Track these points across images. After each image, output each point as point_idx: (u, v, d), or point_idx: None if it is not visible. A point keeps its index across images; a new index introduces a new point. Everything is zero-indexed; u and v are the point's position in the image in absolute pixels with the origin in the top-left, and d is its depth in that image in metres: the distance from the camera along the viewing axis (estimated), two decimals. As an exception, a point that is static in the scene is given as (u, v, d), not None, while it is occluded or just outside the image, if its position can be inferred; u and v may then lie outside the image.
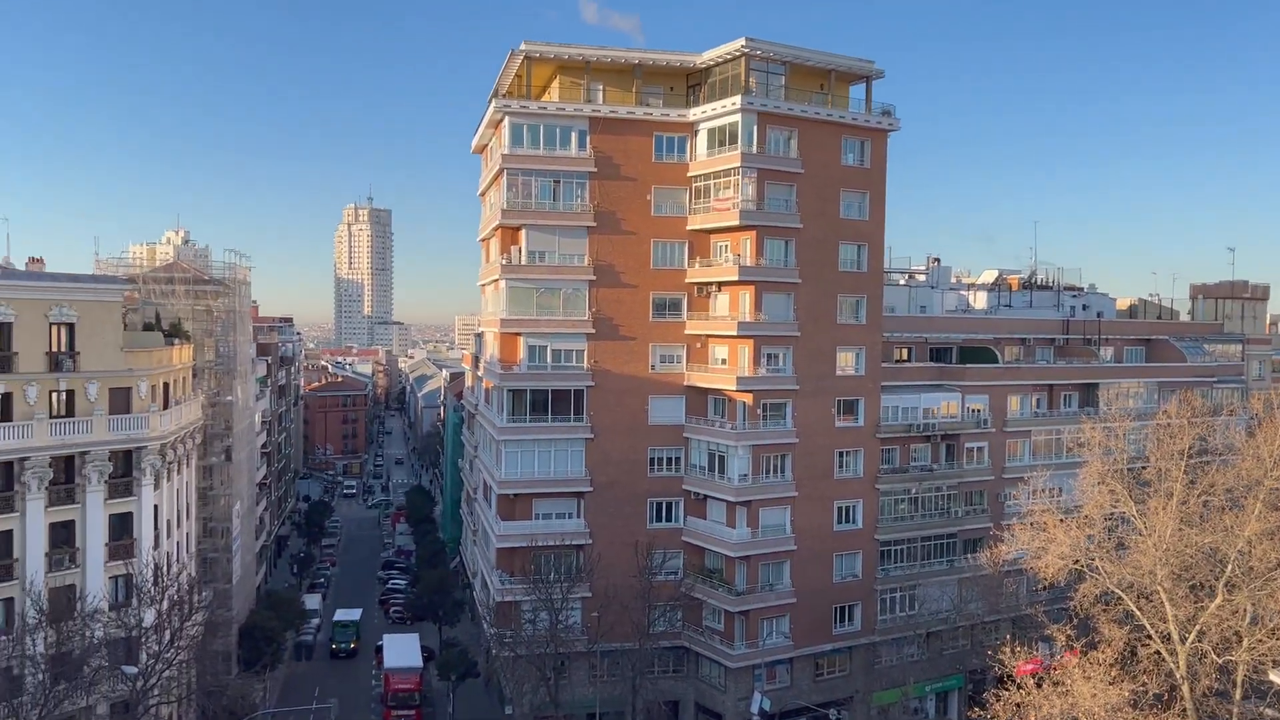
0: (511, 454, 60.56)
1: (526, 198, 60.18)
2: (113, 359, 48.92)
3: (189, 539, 60.77)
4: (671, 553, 60.46)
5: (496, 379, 61.79)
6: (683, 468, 61.76)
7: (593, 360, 60.59)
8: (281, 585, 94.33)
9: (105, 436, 47.92)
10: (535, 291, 60.36)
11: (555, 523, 60.68)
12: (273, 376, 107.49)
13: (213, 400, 66.46)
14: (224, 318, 68.93)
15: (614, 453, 60.92)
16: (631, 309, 60.96)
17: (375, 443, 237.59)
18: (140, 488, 50.08)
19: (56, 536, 46.76)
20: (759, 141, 58.84)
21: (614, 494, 60.97)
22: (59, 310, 46.56)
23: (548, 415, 60.47)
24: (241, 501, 72.89)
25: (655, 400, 61.41)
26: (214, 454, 66.94)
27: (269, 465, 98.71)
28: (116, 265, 63.18)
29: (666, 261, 61.37)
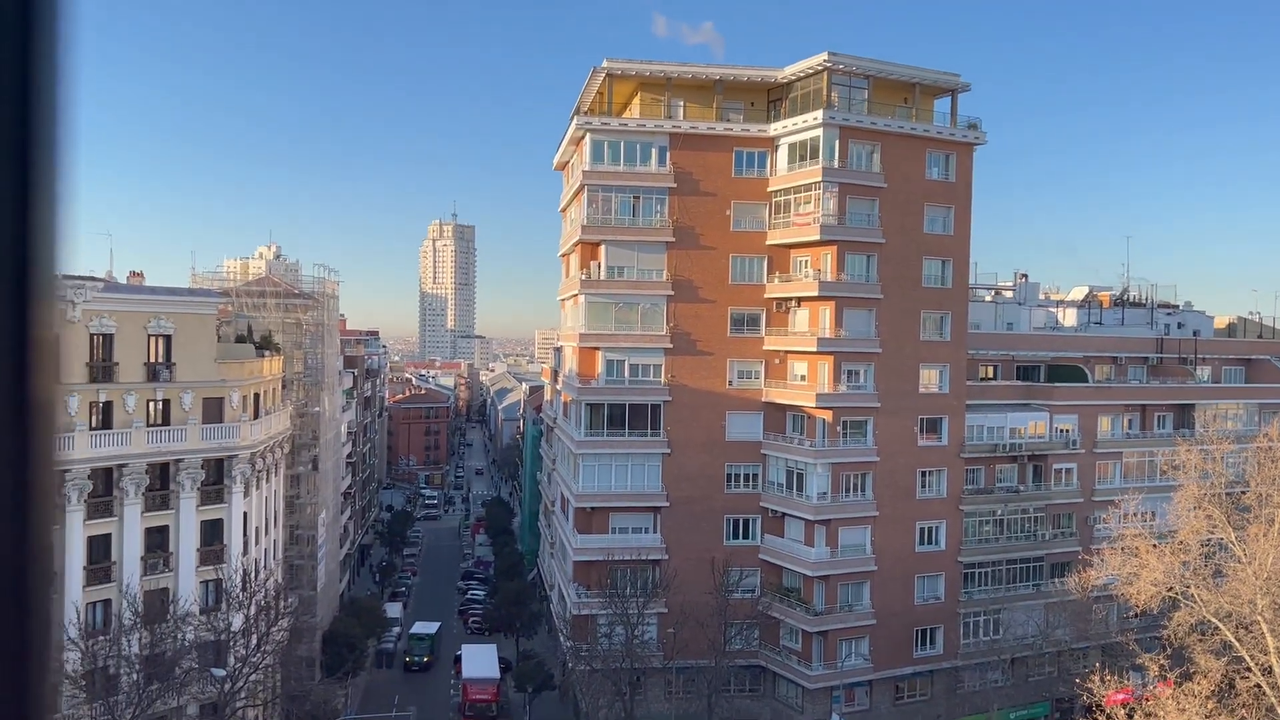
0: (589, 467, 60.70)
1: (606, 213, 60.45)
2: (207, 370, 50.50)
3: (276, 546, 62.27)
4: (748, 570, 59.81)
5: (574, 392, 62.05)
6: (760, 485, 61.19)
7: (670, 375, 60.46)
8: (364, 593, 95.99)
9: (198, 445, 49.43)
10: (613, 306, 60.53)
11: (631, 537, 60.54)
12: (359, 388, 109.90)
13: (301, 411, 68.14)
14: (313, 330, 70.72)
15: (690, 468, 60.61)
16: (709, 324, 60.68)
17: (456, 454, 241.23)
18: (231, 495, 51.51)
19: (151, 541, 48.32)
20: (841, 156, 58.21)
21: (690, 510, 60.65)
22: (157, 322, 48.27)
23: (625, 429, 60.50)
24: (327, 510, 74.49)
25: (733, 416, 60.97)
26: (301, 463, 68.57)
27: (354, 475, 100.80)
28: (212, 279, 65.41)
29: (745, 277, 61.01)
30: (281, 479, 63.63)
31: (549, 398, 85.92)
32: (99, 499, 46.07)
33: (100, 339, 46.23)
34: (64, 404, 44.51)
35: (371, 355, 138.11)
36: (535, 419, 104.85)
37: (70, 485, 44.33)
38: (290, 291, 70.05)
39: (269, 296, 66.09)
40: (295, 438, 67.11)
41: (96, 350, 46.21)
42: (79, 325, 45.06)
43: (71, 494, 44.41)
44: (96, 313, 45.67)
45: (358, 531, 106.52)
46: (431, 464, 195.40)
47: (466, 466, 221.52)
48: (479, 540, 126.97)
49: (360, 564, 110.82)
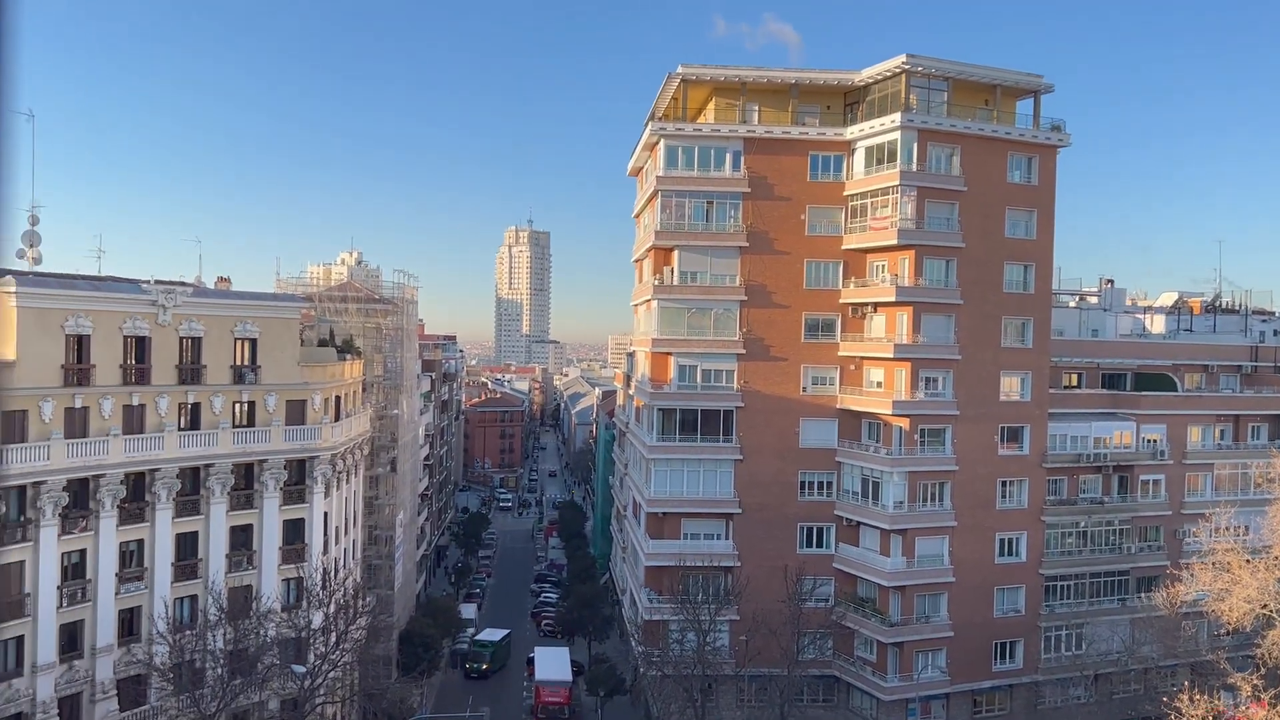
0: (660, 472, 60.65)
1: (680, 219, 60.36)
2: (290, 372, 51.58)
3: (355, 546, 63.34)
4: (822, 579, 59.01)
5: (647, 397, 62.02)
6: (834, 492, 60.50)
7: (743, 381, 60.11)
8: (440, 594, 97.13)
9: (281, 446, 50.47)
10: (687, 311, 60.46)
11: (703, 543, 60.41)
12: (436, 392, 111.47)
13: (380, 414, 69.26)
14: (392, 335, 71.87)
15: (763, 475, 60.15)
16: (783, 329, 60.16)
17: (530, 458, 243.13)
18: (312, 495, 52.46)
19: (235, 539, 49.46)
20: (919, 159, 57.26)
21: (763, 516, 60.20)
22: (243, 326, 49.47)
23: (697, 435, 60.35)
24: (404, 511, 75.59)
25: (806, 423, 60.38)
26: (380, 465, 69.68)
27: (430, 477, 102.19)
28: (295, 284, 66.85)
29: (820, 282, 60.42)
30: (361, 480, 64.72)
31: (621, 402, 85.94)
32: (186, 498, 47.32)
33: (189, 342, 47.54)
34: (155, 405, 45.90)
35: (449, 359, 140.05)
36: (608, 423, 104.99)
37: (160, 484, 45.65)
38: (371, 297, 71.31)
39: (350, 301, 67.36)
40: (374, 440, 68.22)
41: (185, 353, 47.50)
42: (169, 329, 46.43)
43: (161, 492, 45.69)
44: (185, 316, 47.00)
45: (434, 533, 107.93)
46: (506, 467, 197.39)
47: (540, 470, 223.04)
48: (552, 543, 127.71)
49: (436, 565, 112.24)
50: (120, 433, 44.18)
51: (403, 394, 72.84)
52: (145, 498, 45.72)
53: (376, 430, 68.32)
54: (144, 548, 45.85)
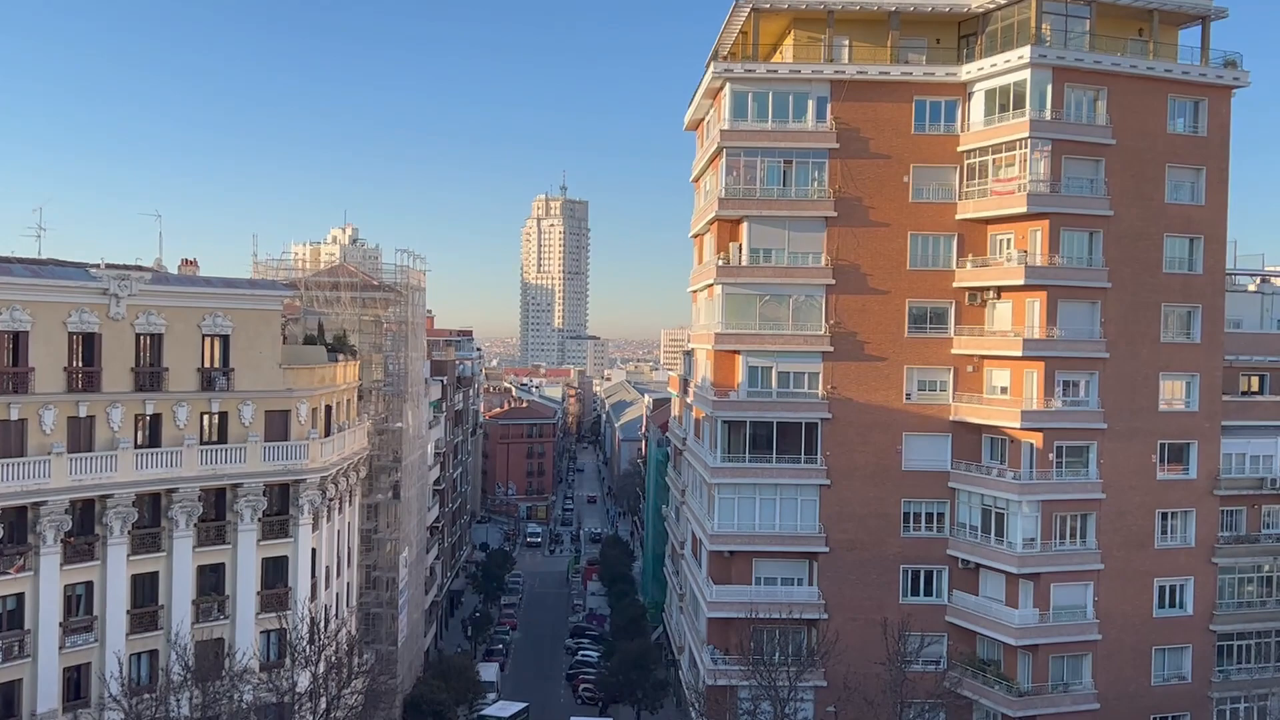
0: (726, 501, 60.47)
1: (750, 182, 60.14)
2: (271, 377, 52.08)
3: (350, 590, 63.87)
4: (932, 636, 58.28)
5: (709, 407, 61.76)
6: (947, 526, 60.08)
7: (829, 386, 59.76)
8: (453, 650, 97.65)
9: (260, 466, 50.96)
10: (758, 299, 60.28)
11: (780, 589, 60.20)
12: (448, 400, 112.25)
13: (380, 427, 69.74)
14: (395, 330, 72.32)
15: (856, 504, 59.79)
16: (880, 321, 59.74)
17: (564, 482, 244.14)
18: (297, 527, 52.94)
19: (205, 582, 50.03)
20: (1054, 104, 56.63)
21: (856, 557, 59.83)
22: (213, 320, 50.03)
23: (772, 454, 60.19)
24: (410, 548, 76.11)
25: (911, 439, 59.96)
26: (380, 490, 70.20)
27: (442, 506, 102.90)
28: (276, 268, 67.48)
29: (928, 260, 59.99)
30: (357, 509, 65.26)
31: (677, 413, 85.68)
32: (145, 530, 47.96)
33: (148, 340, 48.14)
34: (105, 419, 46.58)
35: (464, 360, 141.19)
36: (660, 439, 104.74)
37: (112, 513, 46.29)
38: (368, 283, 71.82)
39: (344, 289, 67.96)
40: (373, 459, 68.76)
41: (143, 353, 48.09)
42: (123, 323, 47.08)
43: (113, 524, 46.36)
44: (143, 308, 47.61)
45: (446, 574, 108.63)
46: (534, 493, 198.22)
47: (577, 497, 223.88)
48: (591, 588, 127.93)
49: (449, 614, 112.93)
50: (64, 451, 44.88)
51: (408, 403, 73.33)
52: (95, 531, 46.44)
53: (376, 448, 68.81)
54: (93, 592, 46.54)
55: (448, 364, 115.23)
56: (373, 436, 68.10)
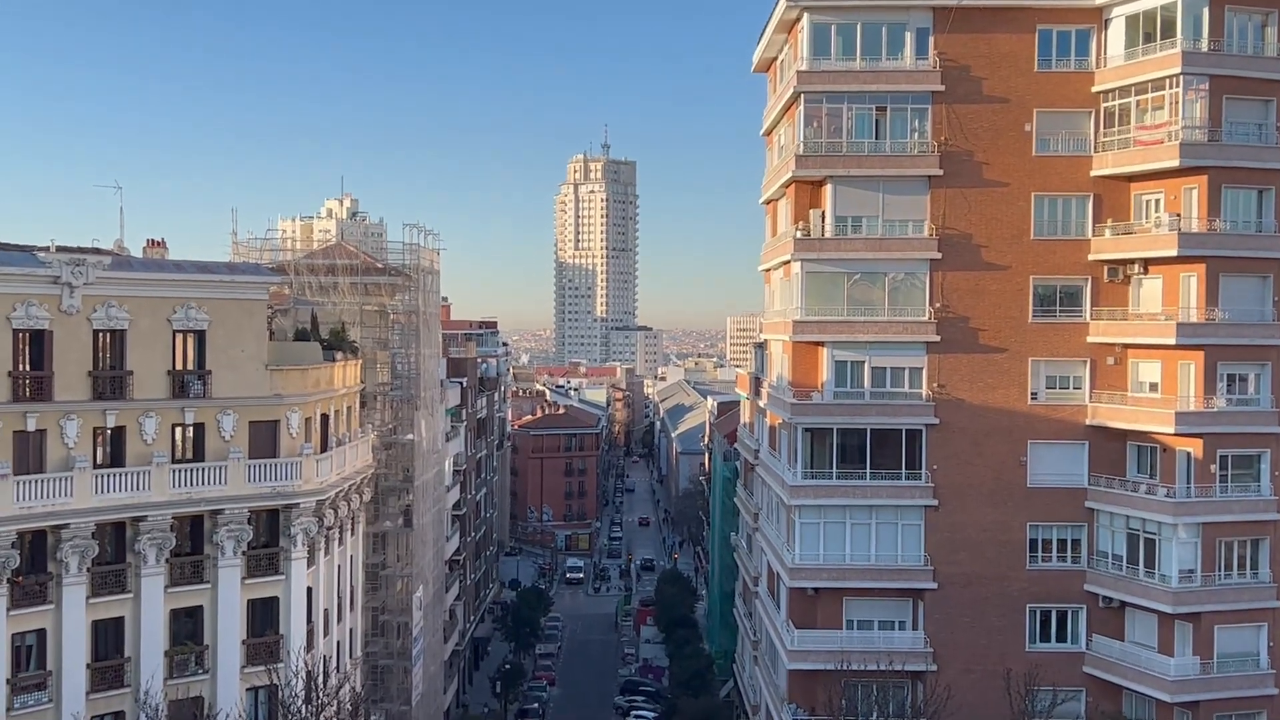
0: (809, 526, 60.38)
1: (834, 135, 59.96)
2: (255, 380, 52.36)
3: (353, 638, 64.26)
4: (1066, 691, 57.61)
5: (786, 412, 61.60)
6: (1084, 556, 59.65)
7: (936, 384, 59.59)
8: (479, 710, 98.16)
9: (244, 489, 51.22)
10: (846, 278, 60.20)
11: (878, 635, 59.97)
12: (469, 407, 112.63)
13: (387, 440, 70.05)
14: (404, 322, 72.63)
15: (969, 529, 59.47)
16: (998, 303, 59.49)
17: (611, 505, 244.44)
18: (289, 562, 53.19)
19: (179, 628, 50.33)
20: (1212, 32, 55.98)
21: (970, 594, 59.51)
22: (185, 313, 50.39)
23: (865, 468, 60.07)
24: (426, 587, 76.44)
25: (1038, 448, 59.58)
26: (388, 516, 70.53)
27: (463, 535, 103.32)
28: (260, 249, 67.98)
29: (1056, 227, 59.72)
30: (360, 540, 65.59)
31: (747, 419, 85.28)
32: (107, 567, 48.32)
33: (108, 337, 48.60)
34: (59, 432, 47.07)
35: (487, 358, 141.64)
36: (727, 452, 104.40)
37: (69, 547, 46.74)
38: (371, 265, 72.20)
39: (341, 273, 68.33)
40: (380, 479, 69.09)
41: (103, 353, 48.53)
42: (78, 318, 47.58)
43: (69, 560, 46.85)
44: (102, 299, 48.05)
45: (469, 619, 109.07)
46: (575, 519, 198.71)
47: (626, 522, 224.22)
48: (646, 634, 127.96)
49: (473, 666, 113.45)
50: (9, 473, 45.36)
51: (420, 410, 73.65)
52: (47, 569, 46.83)
53: (383, 465, 69.14)
54: (46, 642, 46.96)
55: (468, 363, 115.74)
56: (379, 451, 68.40)
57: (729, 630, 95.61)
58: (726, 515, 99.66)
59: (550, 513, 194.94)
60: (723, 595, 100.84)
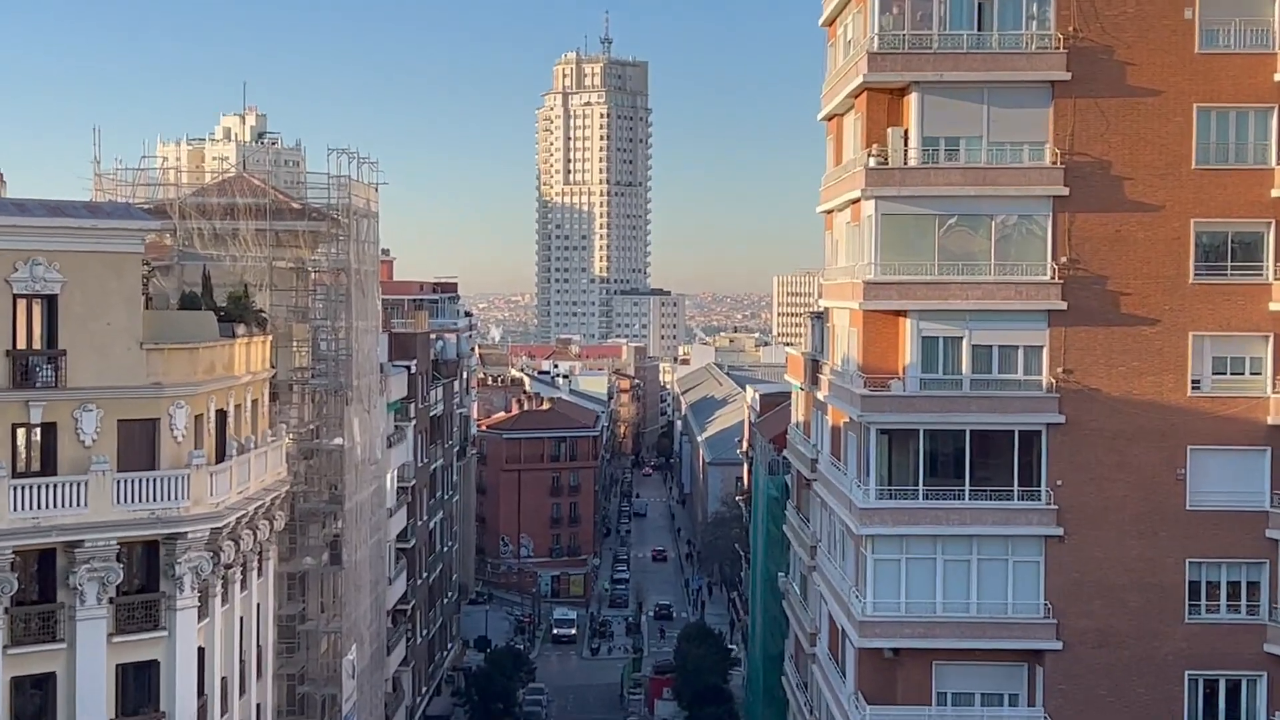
0: (886, 565, 60.34)
1: (921, 24, 59.73)
2: (126, 364, 52.20)
3: (261, 716, 64.16)
4: (1240, 790, 57.71)
5: (856, 407, 61.59)
6: (1264, 604, 59.38)
7: (1061, 368, 59.37)
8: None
9: (111, 514, 50.96)
10: (937, 223, 60.17)
11: (980, 712, 60.09)
12: (419, 400, 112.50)
13: (307, 447, 70.09)
14: (330, 284, 72.63)
15: (1106, 568, 59.34)
16: (1146, 256, 59.32)
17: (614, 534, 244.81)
18: (173, 614, 53.00)
19: (21, 705, 50.18)
20: None
21: (1107, 657, 59.34)
22: (29, 270, 50.18)
23: (963, 484, 59.95)
24: (360, 647, 76.48)
25: (1201, 456, 59.31)
26: (309, 551, 70.56)
27: (411, 577, 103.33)
28: (133, 184, 67.88)
29: (1228, 152, 59.42)
30: (271, 583, 65.52)
31: (802, 417, 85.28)
32: (-74, 619, 48.54)
33: (-77, 306, 48.73)
34: None
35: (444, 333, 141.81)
36: (774, 462, 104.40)
37: (-127, 592, 46.84)
38: (285, 206, 72.09)
39: (244, 217, 68.21)
40: (297, 500, 69.13)
41: (-83, 328, 48.72)
42: (-116, 279, 47.60)
43: (-125, 609, 46.97)
44: (-85, 254, 48.15)
45: (420, 690, 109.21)
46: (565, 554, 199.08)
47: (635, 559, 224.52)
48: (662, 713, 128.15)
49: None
50: None
51: (352, 405, 73.60)
52: None
53: (301, 480, 69.19)
54: None
55: (417, 340, 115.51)
56: (296, 461, 68.50)
57: (776, 707, 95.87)
58: (772, 549, 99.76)
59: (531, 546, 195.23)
60: (766, 659, 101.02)
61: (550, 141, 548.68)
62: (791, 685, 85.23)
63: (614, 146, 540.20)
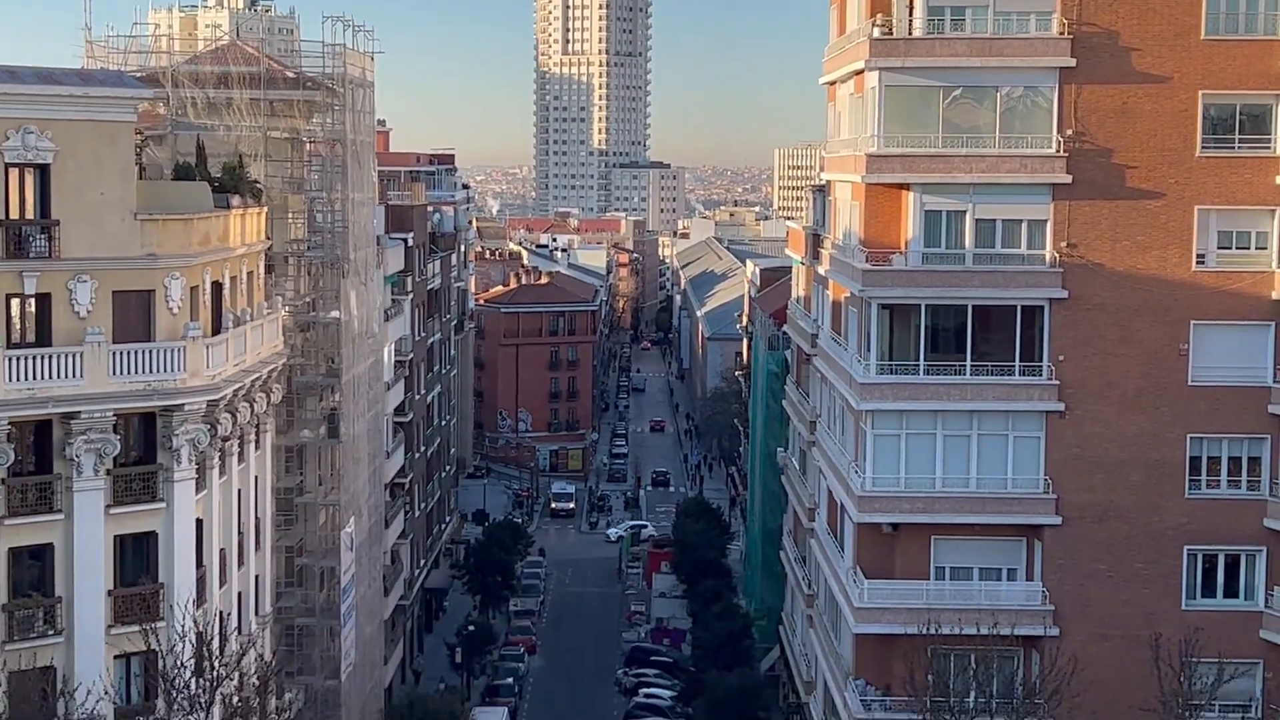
0: (886, 440, 60.66)
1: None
2: (120, 234, 51.87)
3: (260, 588, 64.56)
4: (1237, 663, 57.79)
5: (857, 282, 61.51)
6: (1264, 480, 59.66)
7: (1065, 242, 59.27)
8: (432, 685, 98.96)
9: (107, 385, 50.96)
10: (941, 95, 59.96)
11: (978, 587, 60.49)
12: (417, 274, 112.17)
13: (304, 319, 69.95)
14: (326, 155, 72.15)
15: (1107, 443, 59.65)
16: (1152, 129, 59.01)
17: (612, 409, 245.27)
18: (170, 485, 53.05)
19: (20, 575, 50.41)
20: None
21: (1106, 532, 59.80)
22: (21, 139, 49.65)
23: (965, 360, 60.05)
24: (358, 520, 76.75)
25: (1205, 331, 59.37)
26: (306, 424, 70.77)
27: (409, 450, 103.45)
28: (125, 51, 67.31)
29: (1238, 21, 59.06)
30: (269, 456, 65.65)
31: (803, 292, 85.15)
32: (-79, 491, 48.66)
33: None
34: None
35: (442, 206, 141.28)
36: (774, 337, 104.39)
37: None
38: (280, 75, 71.49)
39: (238, 86, 67.63)
40: (295, 373, 69.20)
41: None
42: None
43: None
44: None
45: (418, 563, 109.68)
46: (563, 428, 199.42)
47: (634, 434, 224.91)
48: (661, 585, 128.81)
49: (425, 626, 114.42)
50: None
51: (349, 278, 73.38)
52: None
53: (298, 353, 69.16)
54: None
55: (414, 212, 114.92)
56: (292, 334, 68.41)
57: (773, 581, 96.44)
58: (771, 424, 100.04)
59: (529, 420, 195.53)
60: (765, 533, 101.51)
61: (549, 10, 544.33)
62: (790, 560, 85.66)
63: (613, 15, 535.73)
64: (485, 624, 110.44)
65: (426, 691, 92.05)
